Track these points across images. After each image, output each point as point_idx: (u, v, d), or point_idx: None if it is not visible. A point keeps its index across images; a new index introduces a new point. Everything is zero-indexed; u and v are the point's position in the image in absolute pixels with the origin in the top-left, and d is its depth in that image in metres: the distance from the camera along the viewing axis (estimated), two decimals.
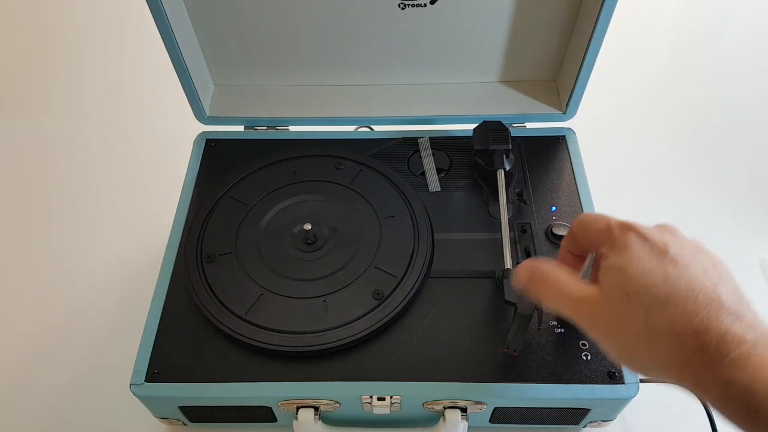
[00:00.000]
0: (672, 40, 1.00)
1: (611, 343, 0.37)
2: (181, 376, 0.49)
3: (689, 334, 0.33)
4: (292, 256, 0.56)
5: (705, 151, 0.83)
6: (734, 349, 0.32)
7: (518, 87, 0.68)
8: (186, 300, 0.53)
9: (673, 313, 0.34)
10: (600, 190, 0.62)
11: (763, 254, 0.71)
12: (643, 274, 0.35)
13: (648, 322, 0.34)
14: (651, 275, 0.35)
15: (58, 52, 1.00)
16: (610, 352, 0.38)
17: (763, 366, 0.31)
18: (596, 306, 0.37)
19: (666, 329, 0.34)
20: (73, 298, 0.69)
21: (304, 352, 0.49)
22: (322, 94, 0.68)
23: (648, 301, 0.35)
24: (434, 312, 0.52)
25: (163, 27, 0.56)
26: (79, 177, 0.82)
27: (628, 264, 0.36)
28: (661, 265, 0.35)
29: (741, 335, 0.32)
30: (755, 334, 0.32)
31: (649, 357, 0.35)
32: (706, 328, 0.33)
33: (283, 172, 0.62)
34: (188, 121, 0.66)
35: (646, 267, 0.35)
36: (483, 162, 0.60)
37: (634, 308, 0.35)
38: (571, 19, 0.61)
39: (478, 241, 0.57)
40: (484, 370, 0.49)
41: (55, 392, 0.62)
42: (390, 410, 0.50)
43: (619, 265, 0.36)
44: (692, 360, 0.33)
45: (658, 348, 0.34)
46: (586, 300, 0.38)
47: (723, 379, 0.32)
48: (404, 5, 0.59)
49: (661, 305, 0.34)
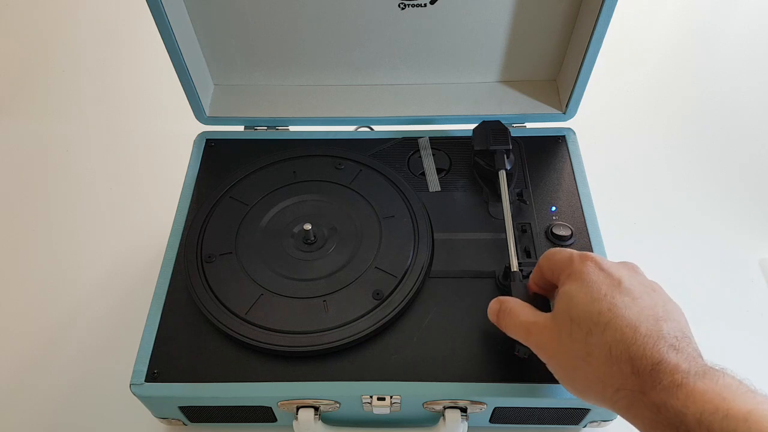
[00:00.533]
0: (672, 40, 1.00)
1: (553, 364, 0.40)
2: (181, 376, 0.49)
3: (625, 359, 0.35)
4: (292, 256, 0.56)
5: (705, 151, 0.83)
6: (668, 377, 0.33)
7: (518, 87, 0.68)
8: (186, 300, 0.53)
9: (612, 339, 0.36)
10: (600, 190, 0.62)
11: (763, 254, 0.71)
12: (590, 302, 0.38)
13: (587, 345, 0.37)
14: (596, 304, 0.37)
15: (58, 52, 1.00)
16: (553, 372, 0.41)
17: (693, 394, 0.32)
18: (544, 329, 0.40)
19: (603, 353, 0.36)
20: (73, 298, 0.69)
21: (304, 352, 0.49)
22: (322, 94, 0.68)
23: (589, 326, 0.37)
24: (434, 312, 0.52)
25: (163, 27, 0.56)
26: (79, 177, 0.82)
27: (578, 291, 0.39)
28: (609, 295, 0.37)
29: (675, 364, 0.34)
30: (689, 365, 0.34)
31: (585, 378, 0.37)
32: (641, 355, 0.35)
33: (283, 172, 0.62)
34: (188, 121, 0.66)
35: (593, 296, 0.38)
36: (483, 162, 0.60)
37: (575, 331, 0.37)
38: (571, 19, 0.61)
39: (478, 241, 0.57)
40: (484, 370, 0.49)
41: (55, 392, 0.62)
42: (390, 410, 0.50)
43: (570, 292, 0.39)
44: (626, 384, 0.35)
45: (595, 370, 0.36)
46: (537, 324, 0.41)
47: (655, 404, 0.33)
48: (404, 5, 0.59)
49: (601, 330, 0.36)
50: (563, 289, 0.40)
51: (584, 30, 0.58)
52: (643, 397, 0.34)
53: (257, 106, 0.67)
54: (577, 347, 0.37)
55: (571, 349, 0.38)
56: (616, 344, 0.35)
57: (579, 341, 0.37)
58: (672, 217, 0.75)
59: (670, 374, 0.33)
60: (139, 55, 0.99)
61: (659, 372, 0.34)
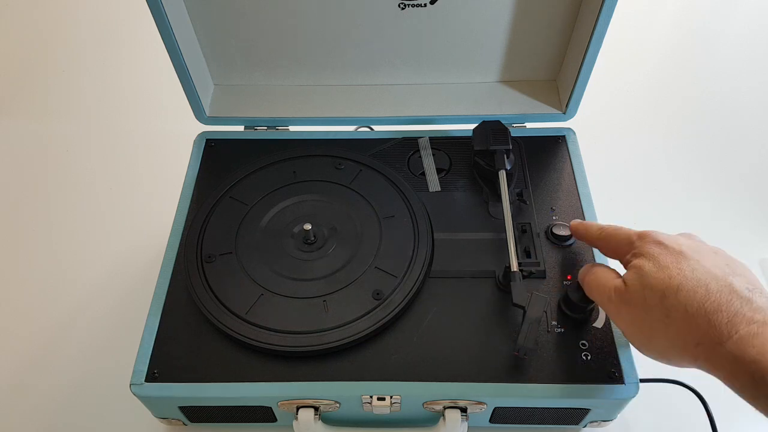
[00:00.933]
0: (672, 40, 1.00)
1: (632, 331, 0.42)
2: (181, 376, 0.49)
3: (701, 314, 0.37)
4: (292, 256, 0.56)
5: (705, 151, 0.83)
6: (743, 328, 0.36)
7: (518, 87, 0.68)
8: (186, 300, 0.53)
9: (686, 298, 0.38)
10: (600, 190, 0.62)
11: (763, 254, 0.71)
12: (659, 270, 0.40)
13: (663, 308, 0.39)
14: (665, 270, 0.40)
15: (58, 52, 1.00)
16: (631, 340, 0.43)
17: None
18: (621, 298, 0.42)
19: (680, 312, 0.38)
20: (73, 298, 0.69)
21: (304, 352, 0.49)
22: (322, 94, 0.68)
23: (662, 290, 0.39)
24: (434, 312, 0.52)
25: (163, 27, 0.56)
26: (79, 177, 0.82)
27: (645, 263, 0.41)
28: (675, 262, 0.40)
29: (750, 316, 0.36)
30: (764, 315, 0.36)
31: (666, 338, 0.39)
32: (717, 309, 0.37)
33: (283, 172, 0.62)
34: (188, 121, 0.66)
35: (661, 264, 0.40)
36: (483, 162, 0.60)
37: (649, 297, 0.40)
38: (571, 19, 0.61)
39: (478, 241, 0.57)
40: (484, 370, 0.49)
41: (56, 392, 0.62)
42: (390, 410, 0.50)
43: (638, 265, 0.42)
44: (704, 338, 0.37)
45: (674, 329, 0.39)
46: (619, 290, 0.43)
47: (732, 353, 0.35)
48: (404, 5, 0.59)
49: (675, 292, 0.39)
50: (631, 265, 0.43)
51: (584, 30, 0.58)
52: (721, 348, 0.36)
53: (257, 106, 0.67)
54: (654, 311, 0.40)
55: (648, 314, 0.40)
56: (691, 303, 0.38)
57: (655, 306, 0.39)
58: (672, 217, 0.75)
59: (746, 324, 0.36)
60: (139, 55, 0.99)
61: (735, 323, 0.36)
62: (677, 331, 0.38)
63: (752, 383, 0.34)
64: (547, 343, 0.50)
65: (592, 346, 0.50)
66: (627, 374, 0.48)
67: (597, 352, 0.50)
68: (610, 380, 0.48)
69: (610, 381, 0.48)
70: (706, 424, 0.52)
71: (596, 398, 0.48)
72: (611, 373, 0.48)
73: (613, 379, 0.48)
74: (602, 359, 0.49)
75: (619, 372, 0.49)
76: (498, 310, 0.52)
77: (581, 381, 0.48)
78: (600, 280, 0.45)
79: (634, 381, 0.48)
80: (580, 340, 0.50)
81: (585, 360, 0.49)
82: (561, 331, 0.51)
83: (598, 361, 0.49)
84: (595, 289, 0.46)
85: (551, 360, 0.49)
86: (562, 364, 0.49)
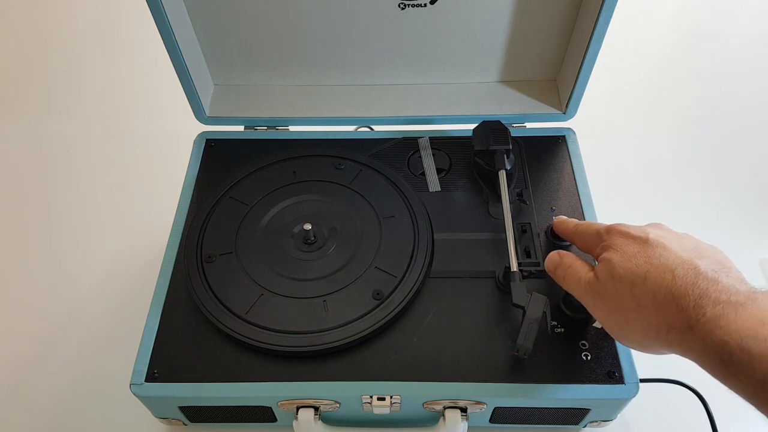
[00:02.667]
0: (672, 39, 1.00)
1: (609, 322, 0.43)
2: (181, 376, 0.49)
3: (669, 300, 0.38)
4: (292, 256, 0.56)
5: (705, 150, 0.83)
6: (710, 309, 0.36)
7: (518, 87, 0.68)
8: (186, 300, 0.53)
9: (653, 285, 0.39)
10: (600, 190, 0.62)
11: (763, 254, 0.71)
12: (626, 260, 0.41)
13: (633, 297, 0.39)
14: (632, 260, 0.40)
15: (57, 52, 1.00)
16: (610, 331, 0.43)
17: (735, 322, 0.34)
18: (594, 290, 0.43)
19: (650, 300, 0.39)
20: (73, 298, 0.69)
21: (304, 352, 0.49)
22: (322, 94, 0.68)
23: (631, 279, 0.40)
24: (434, 312, 0.52)
25: (163, 27, 0.56)
26: (79, 177, 0.82)
27: (613, 255, 0.42)
28: (641, 251, 0.41)
29: (716, 297, 0.36)
30: (729, 295, 0.36)
31: (641, 327, 0.40)
32: (683, 293, 0.37)
33: (283, 172, 0.62)
34: (188, 121, 0.66)
35: (627, 254, 0.41)
36: (483, 162, 0.60)
37: (619, 288, 0.40)
38: (571, 19, 0.61)
39: (478, 241, 0.57)
40: (484, 370, 0.49)
41: (55, 392, 0.62)
42: (390, 410, 0.50)
43: (606, 258, 0.42)
44: (675, 323, 0.37)
45: (648, 317, 0.39)
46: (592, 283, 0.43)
47: (701, 336, 0.36)
48: (404, 5, 0.59)
49: (643, 280, 0.39)
50: (600, 258, 0.43)
51: (584, 30, 0.58)
52: (691, 332, 0.36)
53: (257, 106, 0.67)
54: (625, 301, 0.40)
55: (621, 304, 0.41)
56: (659, 289, 0.38)
57: (626, 296, 0.40)
58: (672, 217, 0.74)
59: (712, 306, 0.36)
60: (139, 55, 0.99)
61: (702, 306, 0.36)
62: (649, 318, 0.39)
63: (721, 364, 0.34)
64: (547, 343, 0.50)
65: (592, 346, 0.50)
66: (627, 374, 0.48)
67: (597, 352, 0.50)
68: (610, 380, 0.48)
69: (610, 381, 0.48)
70: (706, 424, 0.52)
71: (596, 398, 0.48)
72: (611, 373, 0.48)
73: (613, 379, 0.48)
74: (602, 359, 0.49)
75: (619, 372, 0.49)
76: (498, 310, 0.52)
77: (581, 381, 0.48)
78: (575, 275, 0.46)
79: (634, 381, 0.48)
80: (580, 340, 0.50)
81: (585, 360, 0.49)
82: (561, 331, 0.51)
83: (598, 361, 0.49)
84: (570, 283, 0.46)
85: (551, 360, 0.49)
86: (562, 364, 0.49)
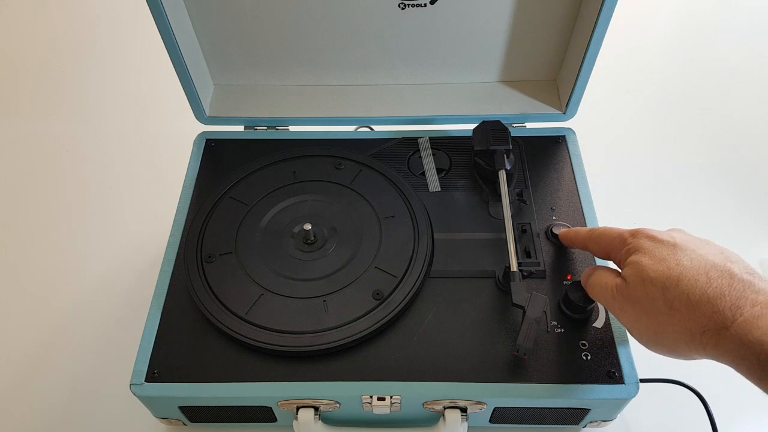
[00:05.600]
0: (672, 39, 1.00)
1: (638, 327, 0.42)
2: (181, 376, 0.49)
3: (705, 301, 0.37)
4: (292, 256, 0.56)
5: (705, 151, 0.83)
6: (747, 310, 0.36)
7: (518, 87, 0.68)
8: (186, 300, 0.53)
9: (688, 287, 0.38)
10: (600, 190, 0.62)
11: (763, 254, 0.71)
12: (657, 262, 0.40)
13: (666, 299, 0.39)
14: (663, 262, 0.40)
15: (58, 52, 1.00)
16: (638, 337, 0.43)
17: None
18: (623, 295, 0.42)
19: (684, 302, 0.38)
20: (73, 298, 0.69)
21: (304, 352, 0.49)
22: (322, 94, 0.68)
23: (663, 281, 0.39)
24: (434, 312, 0.52)
25: (163, 27, 0.56)
26: (79, 177, 0.82)
27: (642, 258, 0.41)
28: (671, 254, 0.40)
29: (753, 298, 0.36)
30: (766, 296, 0.36)
31: (672, 330, 0.39)
32: (720, 294, 0.37)
33: (283, 172, 0.62)
34: (188, 121, 0.66)
35: (658, 257, 0.41)
36: (483, 162, 0.60)
37: (651, 290, 0.40)
38: (571, 19, 0.61)
39: (478, 241, 0.57)
40: (484, 370, 0.49)
41: (55, 392, 0.62)
42: (390, 410, 0.50)
43: (635, 260, 0.42)
44: (709, 324, 0.37)
45: (679, 319, 0.38)
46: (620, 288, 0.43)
47: (738, 337, 0.35)
48: (404, 5, 0.59)
49: (676, 282, 0.39)
50: (628, 261, 0.43)
51: (584, 30, 0.58)
52: (727, 333, 0.36)
53: (257, 106, 0.67)
54: (657, 304, 0.39)
55: (652, 308, 0.40)
56: (693, 291, 0.38)
57: (657, 299, 0.39)
58: (672, 217, 0.75)
59: (750, 306, 0.36)
60: (139, 55, 0.99)
61: (739, 306, 0.36)
62: (682, 321, 0.38)
63: (758, 364, 0.34)
64: (547, 343, 0.50)
65: (592, 346, 0.50)
66: (627, 374, 0.48)
67: (597, 352, 0.50)
68: (610, 380, 0.48)
69: (610, 381, 0.48)
70: (706, 424, 0.52)
71: (596, 398, 0.48)
72: (611, 373, 0.48)
73: (613, 379, 0.48)
74: (602, 359, 0.49)
75: (619, 372, 0.49)
76: (498, 310, 0.52)
77: (581, 381, 0.48)
78: (601, 281, 0.45)
79: (634, 381, 0.48)
80: (580, 340, 0.50)
81: (585, 360, 0.49)
82: (561, 331, 0.51)
83: (598, 361, 0.49)
84: (597, 290, 0.46)
85: (551, 360, 0.49)
86: (562, 364, 0.49)
